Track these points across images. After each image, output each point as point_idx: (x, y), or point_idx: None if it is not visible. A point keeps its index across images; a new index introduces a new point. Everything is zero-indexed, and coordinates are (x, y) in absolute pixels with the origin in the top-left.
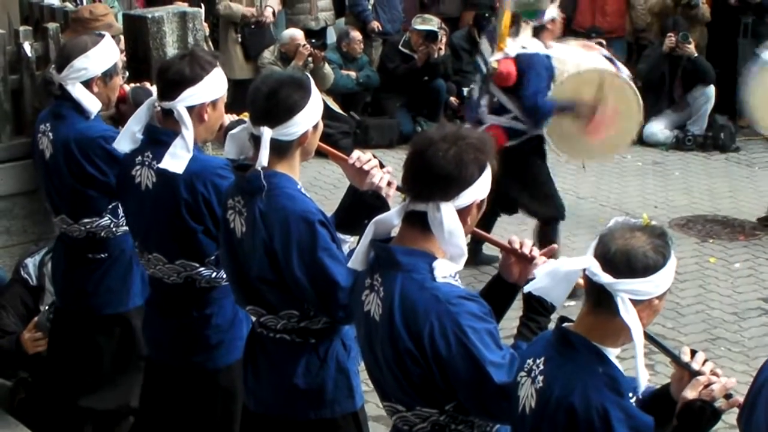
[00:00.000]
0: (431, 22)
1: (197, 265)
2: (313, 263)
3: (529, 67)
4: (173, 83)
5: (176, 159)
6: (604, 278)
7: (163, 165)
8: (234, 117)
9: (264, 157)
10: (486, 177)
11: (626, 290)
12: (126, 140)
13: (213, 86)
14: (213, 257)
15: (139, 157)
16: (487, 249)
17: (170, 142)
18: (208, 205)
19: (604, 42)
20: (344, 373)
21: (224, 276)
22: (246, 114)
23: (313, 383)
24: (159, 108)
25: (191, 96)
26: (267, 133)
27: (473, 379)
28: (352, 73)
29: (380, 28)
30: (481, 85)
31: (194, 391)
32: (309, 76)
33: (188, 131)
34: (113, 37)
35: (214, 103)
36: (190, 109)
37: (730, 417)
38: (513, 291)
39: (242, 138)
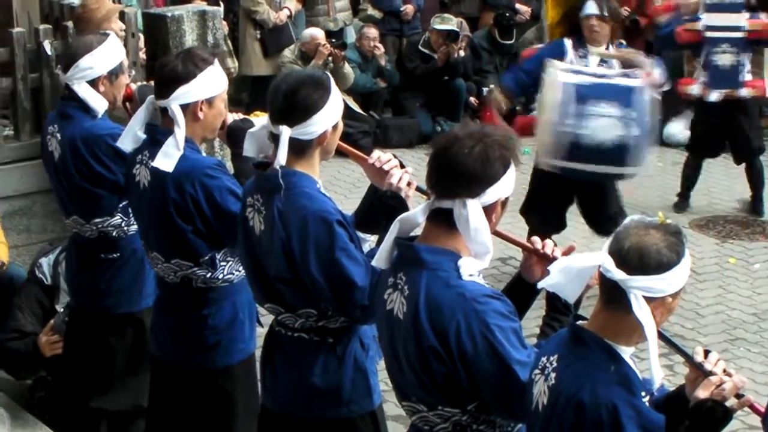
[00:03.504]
0: (451, 22)
1: (191, 264)
2: (331, 263)
3: None
4: (166, 81)
5: (167, 158)
6: (617, 275)
7: (155, 163)
8: (237, 116)
9: (282, 156)
10: (510, 174)
11: (639, 287)
12: (128, 139)
13: (207, 84)
14: (207, 257)
15: (140, 156)
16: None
17: (165, 141)
18: (196, 205)
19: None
20: (362, 373)
21: (220, 277)
22: (257, 113)
23: (330, 382)
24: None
25: (184, 94)
26: (286, 132)
27: (499, 377)
28: (382, 83)
29: (410, 15)
30: (740, 50)
31: (194, 391)
32: (329, 75)
33: (180, 129)
34: (112, 18)
35: (209, 101)
36: (184, 107)
37: (750, 418)
38: (534, 292)
39: (262, 136)
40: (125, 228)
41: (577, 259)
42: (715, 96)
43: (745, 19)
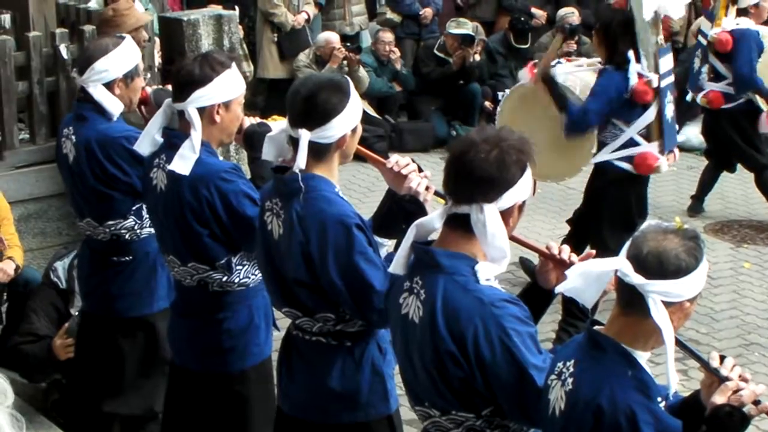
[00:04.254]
0: (466, 26)
1: (207, 268)
2: (349, 267)
3: (742, 40)
4: (183, 84)
5: (184, 160)
6: (636, 279)
7: (171, 166)
8: (254, 120)
9: (302, 160)
10: (527, 178)
11: (658, 291)
12: (146, 143)
13: (224, 87)
14: (224, 261)
15: (156, 160)
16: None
17: (181, 144)
18: (212, 208)
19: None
20: (379, 377)
21: (236, 280)
22: (274, 117)
23: (348, 386)
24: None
25: (201, 97)
26: (305, 136)
27: (516, 382)
28: (397, 86)
29: (429, 18)
30: (702, 57)
31: (209, 395)
32: (349, 79)
33: (196, 133)
34: (141, 27)
35: (226, 105)
36: (201, 110)
37: (765, 423)
38: (548, 298)
39: (281, 140)
40: (138, 231)
41: (596, 263)
42: (689, 96)
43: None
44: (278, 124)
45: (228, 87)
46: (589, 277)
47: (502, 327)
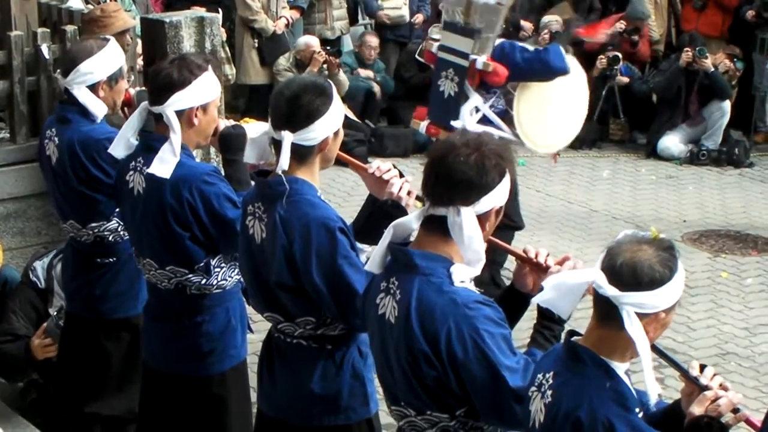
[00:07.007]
0: None
1: (186, 271)
2: (333, 270)
3: None
4: (162, 87)
5: (164, 164)
6: (610, 291)
7: (151, 170)
8: (229, 122)
9: (284, 162)
10: (505, 184)
11: (632, 303)
12: (120, 146)
13: (202, 90)
14: (203, 263)
15: (133, 163)
16: None
17: (160, 148)
18: (193, 211)
19: None
20: (360, 380)
21: (214, 283)
22: (246, 120)
23: (328, 389)
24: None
25: (179, 100)
26: (288, 138)
27: (488, 382)
28: (370, 73)
29: (388, 19)
30: None
31: (186, 399)
32: (331, 83)
33: (176, 135)
34: (126, 31)
35: (204, 107)
36: (179, 113)
37: None
38: (526, 301)
39: (263, 142)
40: (121, 233)
41: (570, 275)
42: None
43: None
44: (252, 126)
45: (206, 89)
46: (562, 289)
47: (475, 328)
